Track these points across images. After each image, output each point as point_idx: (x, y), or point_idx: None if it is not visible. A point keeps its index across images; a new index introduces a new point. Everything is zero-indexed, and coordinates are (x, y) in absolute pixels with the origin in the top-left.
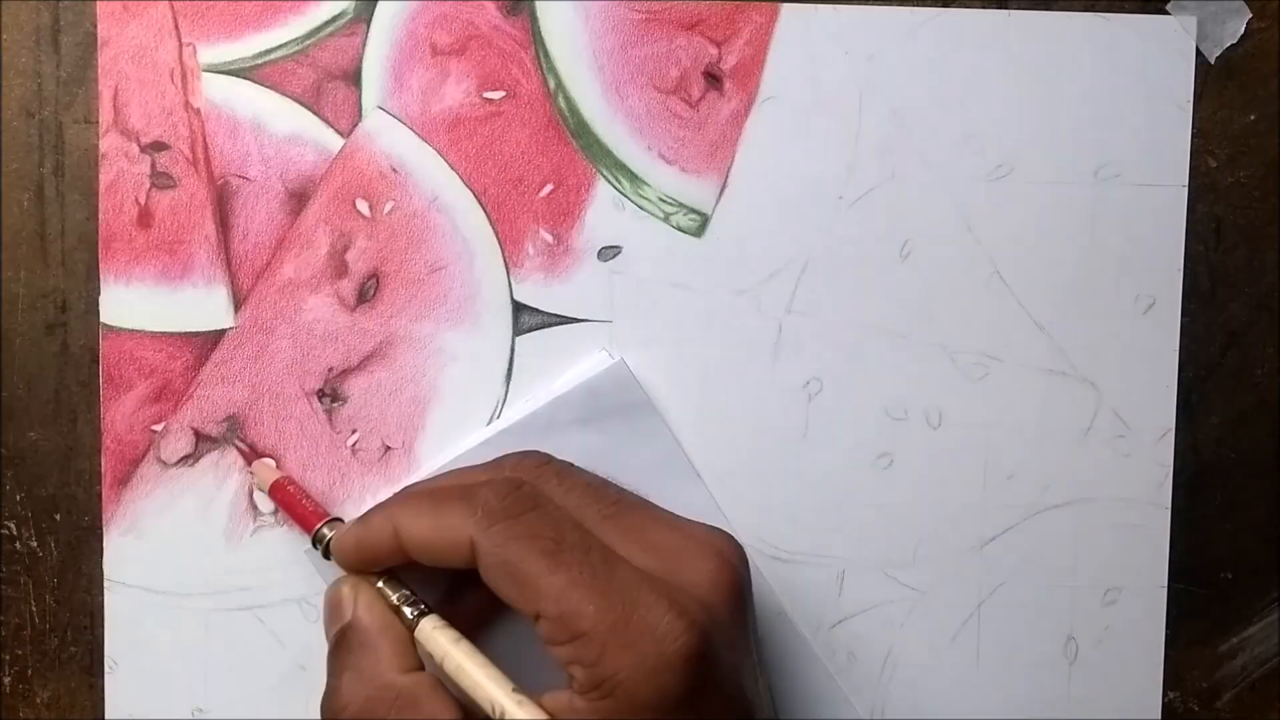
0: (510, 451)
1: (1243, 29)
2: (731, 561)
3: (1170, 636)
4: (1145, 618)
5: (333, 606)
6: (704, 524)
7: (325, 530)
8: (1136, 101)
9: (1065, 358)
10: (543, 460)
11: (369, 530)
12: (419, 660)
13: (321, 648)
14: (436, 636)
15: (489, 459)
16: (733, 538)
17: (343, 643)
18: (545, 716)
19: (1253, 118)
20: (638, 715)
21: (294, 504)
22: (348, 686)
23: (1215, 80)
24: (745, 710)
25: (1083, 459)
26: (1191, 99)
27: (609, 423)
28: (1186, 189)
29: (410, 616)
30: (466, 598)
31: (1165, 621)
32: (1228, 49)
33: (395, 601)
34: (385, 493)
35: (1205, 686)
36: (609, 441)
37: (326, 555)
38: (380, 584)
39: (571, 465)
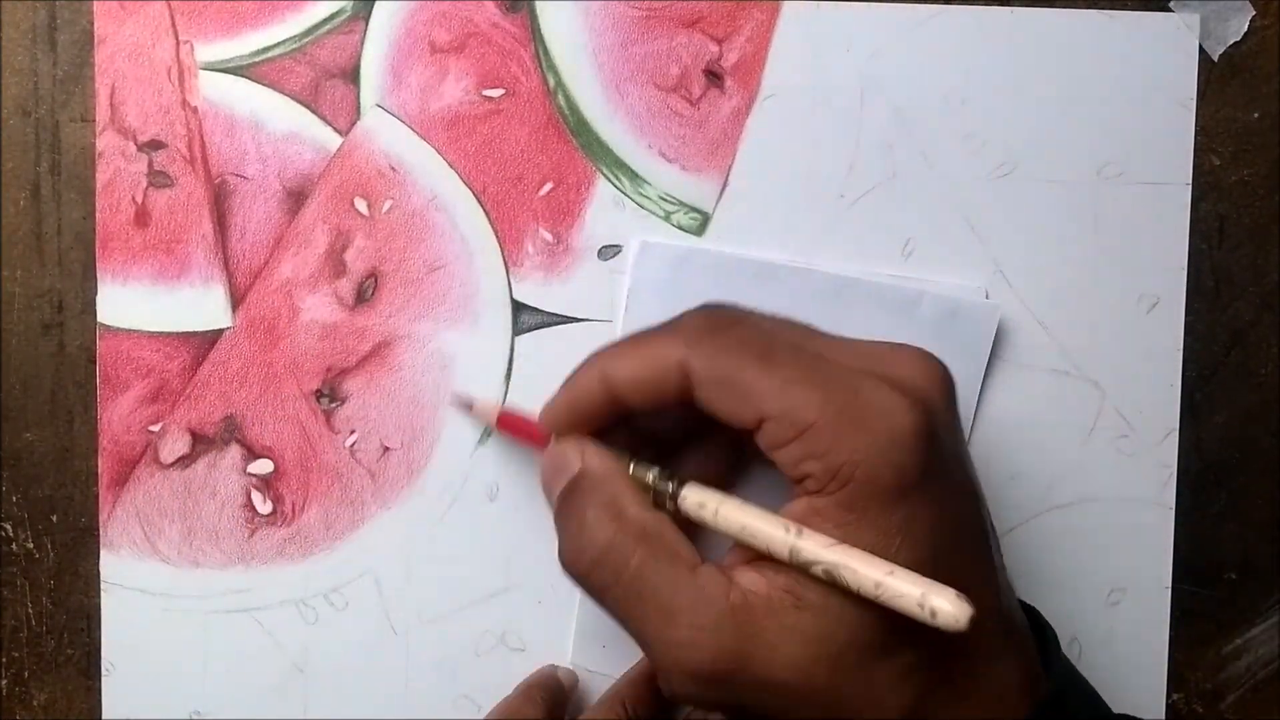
0: None
1: (1246, 26)
2: (936, 360)
3: (1174, 637)
4: (1149, 619)
5: (557, 465)
6: (900, 343)
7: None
8: (1139, 99)
9: (1068, 357)
10: (719, 305)
11: (575, 387)
12: (651, 503)
13: (319, 650)
14: (695, 490)
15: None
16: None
17: (576, 490)
18: (832, 542)
19: (1256, 115)
20: (879, 498)
21: (524, 428)
22: (593, 525)
23: (1218, 78)
24: (973, 496)
25: (1086, 459)
26: (1194, 97)
27: (945, 343)
28: (1190, 187)
29: (660, 478)
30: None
31: (1169, 622)
32: (1231, 47)
33: (635, 471)
34: (382, 492)
35: (1209, 688)
36: None
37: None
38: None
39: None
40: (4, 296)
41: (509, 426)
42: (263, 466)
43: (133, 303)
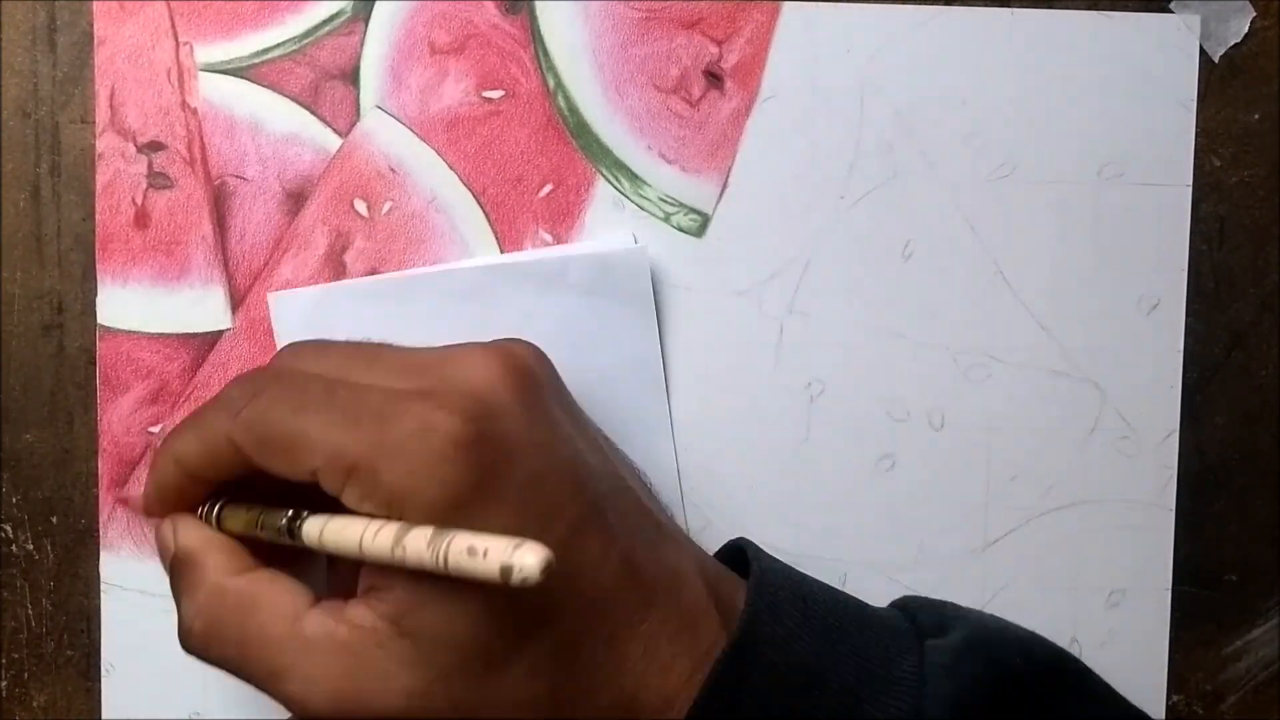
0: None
1: (1246, 28)
2: (508, 352)
3: (1174, 639)
4: (1149, 620)
5: (160, 550)
6: (476, 344)
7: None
8: (1140, 100)
9: (1068, 358)
10: (297, 345)
11: (155, 473)
12: (253, 562)
13: None
14: (313, 521)
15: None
16: (526, 343)
17: (174, 573)
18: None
19: (1256, 117)
20: (438, 519)
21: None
22: (186, 611)
23: (1219, 79)
24: (570, 482)
25: (1086, 460)
26: (1195, 98)
27: (603, 300)
28: (1190, 188)
29: (285, 520)
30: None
31: (1169, 624)
32: (1231, 48)
33: (265, 519)
34: None
35: (1209, 689)
36: (593, 318)
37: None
38: (217, 509)
39: (335, 341)
40: (4, 298)
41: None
42: None
43: (133, 304)
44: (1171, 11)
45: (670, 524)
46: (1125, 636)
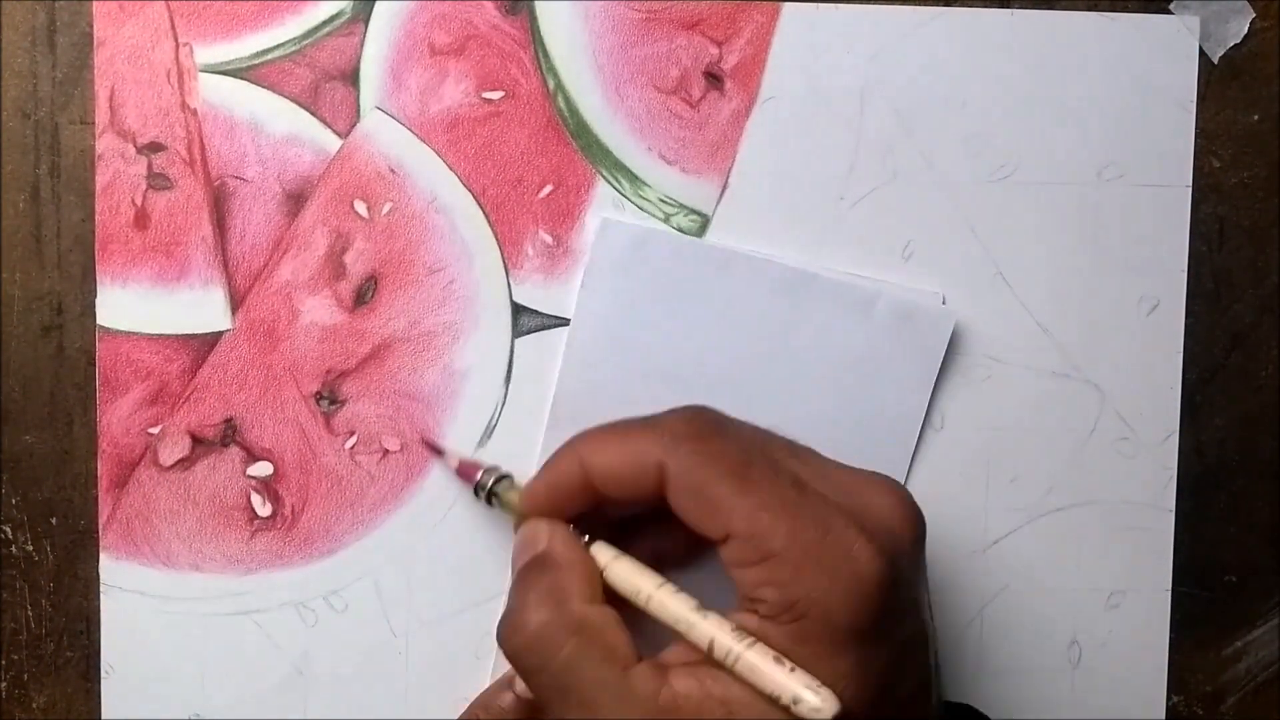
0: None
1: (1246, 29)
2: (912, 505)
3: (1174, 640)
4: (1149, 621)
5: (526, 540)
6: (882, 474)
7: (485, 478)
8: (1139, 102)
9: (1068, 359)
10: (713, 411)
11: (556, 471)
12: (604, 597)
13: (319, 653)
14: (631, 573)
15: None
16: (909, 494)
17: (533, 569)
18: (738, 626)
19: (1256, 118)
20: (831, 640)
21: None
22: (533, 608)
23: (1218, 80)
24: (924, 643)
25: (1086, 462)
26: (1195, 99)
27: (896, 344)
28: (1190, 189)
29: (605, 557)
30: (650, 546)
31: (1169, 625)
32: (1231, 49)
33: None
34: (382, 495)
35: (1209, 690)
36: (881, 357)
37: (489, 501)
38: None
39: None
40: (3, 299)
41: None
42: (262, 469)
43: (132, 305)
44: (1171, 13)
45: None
46: (1125, 638)
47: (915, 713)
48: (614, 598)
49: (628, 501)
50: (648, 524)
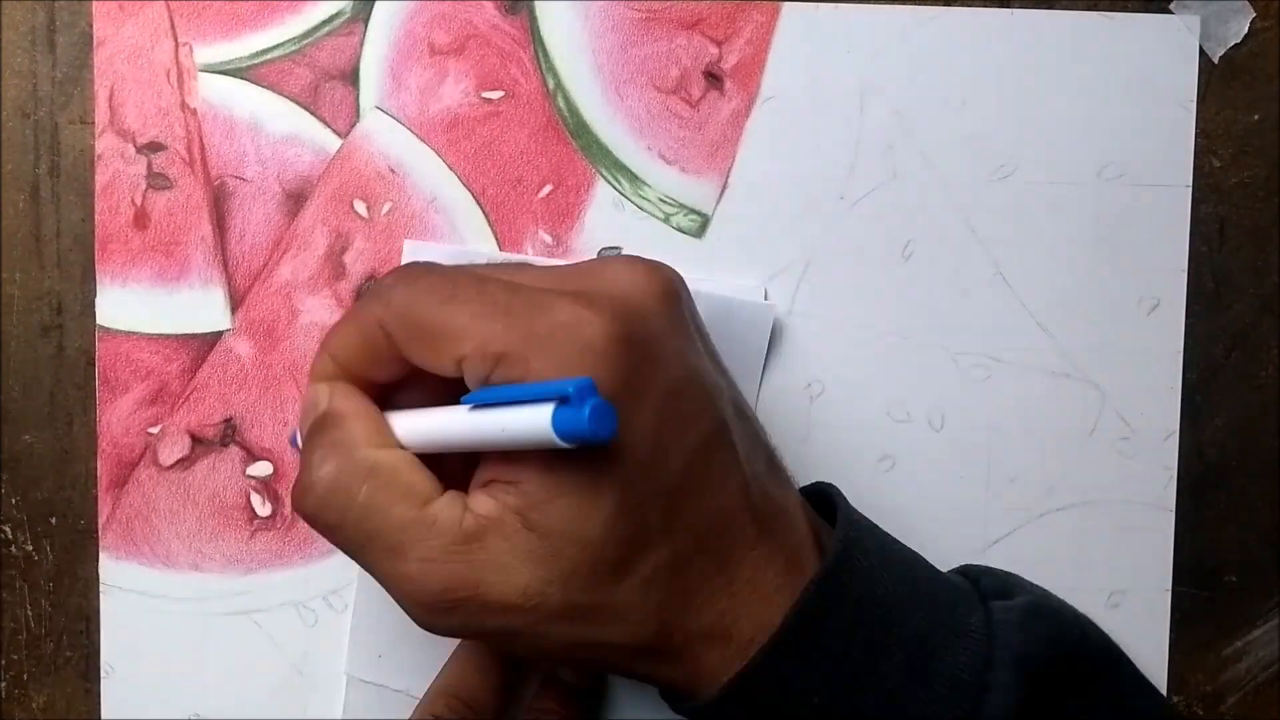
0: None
1: (1246, 28)
2: (655, 265)
3: (1174, 640)
4: (1149, 621)
5: (307, 406)
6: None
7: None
8: (1140, 101)
9: (1069, 359)
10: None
11: (314, 371)
12: (394, 441)
13: (320, 653)
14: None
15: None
16: (666, 264)
17: (316, 429)
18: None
19: (1256, 118)
20: None
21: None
22: (319, 464)
23: (1218, 80)
24: (708, 395)
25: (1086, 461)
26: (1195, 99)
27: (716, 341)
28: (1190, 189)
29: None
30: None
31: (1169, 625)
32: (1231, 49)
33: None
34: None
35: (1209, 690)
36: None
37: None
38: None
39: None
40: (3, 299)
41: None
42: (262, 468)
43: (132, 305)
44: (1171, 12)
45: (778, 458)
46: (1125, 637)
47: (710, 459)
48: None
49: (386, 376)
50: None
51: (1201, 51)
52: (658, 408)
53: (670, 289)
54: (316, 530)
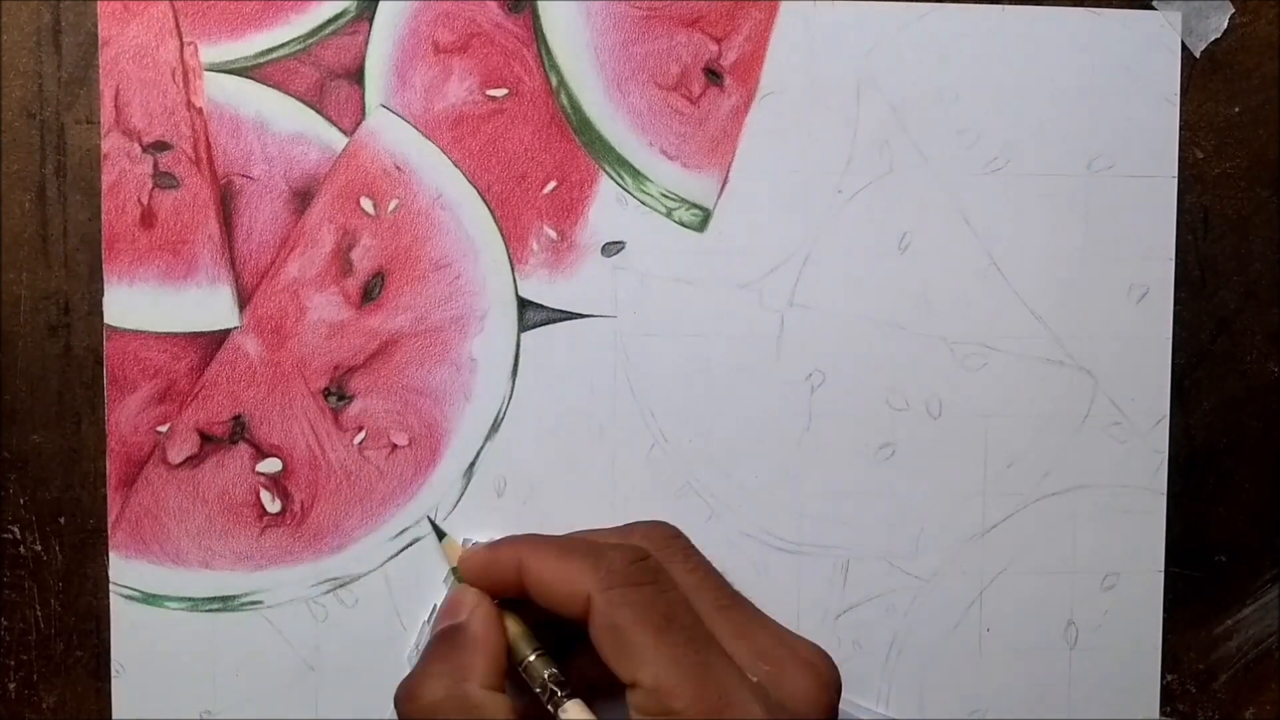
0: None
1: (1226, 24)
2: (829, 685)
3: (1167, 619)
4: (1143, 602)
5: (451, 606)
6: (809, 642)
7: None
8: (1126, 94)
9: (1062, 347)
10: (673, 534)
11: (496, 556)
12: (505, 685)
13: (330, 648)
14: (577, 709)
15: None
16: (831, 660)
17: (445, 638)
18: None
19: (1237, 110)
20: None
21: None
22: (432, 680)
23: (1201, 74)
24: None
25: (1080, 446)
26: (1179, 92)
27: None
28: (1176, 180)
29: (552, 679)
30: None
31: (1162, 605)
32: (1212, 43)
33: (535, 661)
34: (391, 489)
35: (1202, 668)
36: None
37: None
38: (512, 624)
39: (697, 550)
40: (10, 299)
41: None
42: (271, 465)
43: (139, 303)
44: (1154, 9)
45: None
46: (1120, 618)
47: None
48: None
49: (552, 615)
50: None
51: (1184, 46)
52: None
53: (836, 699)
54: None
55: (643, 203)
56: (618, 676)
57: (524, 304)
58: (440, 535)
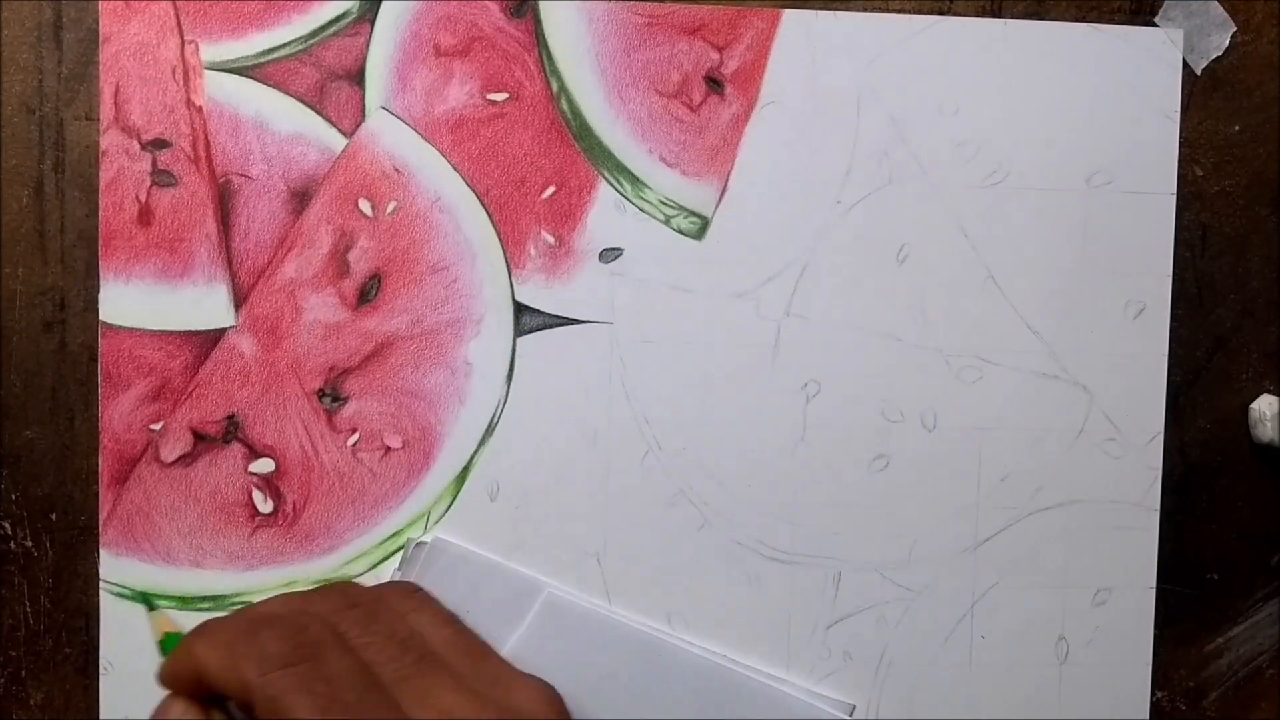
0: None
1: (1227, 42)
2: (555, 698)
3: (1158, 636)
4: (1134, 618)
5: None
6: (527, 676)
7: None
8: (1127, 110)
9: (1058, 361)
10: (350, 601)
11: (176, 658)
12: None
13: None
14: None
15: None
16: (552, 692)
17: None
18: None
19: (1237, 128)
20: None
21: None
22: None
23: (1201, 91)
24: None
25: (1074, 461)
26: (1179, 109)
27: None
28: (1174, 197)
29: None
30: None
31: (1154, 622)
32: (1213, 61)
33: None
34: (384, 492)
35: (1192, 686)
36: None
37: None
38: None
39: (383, 611)
40: (6, 294)
41: None
42: (264, 466)
43: (135, 301)
44: (1156, 26)
45: None
46: (1111, 634)
47: None
48: None
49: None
50: None
51: (1185, 64)
52: None
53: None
54: None
55: (641, 210)
56: None
57: (520, 309)
58: (151, 606)
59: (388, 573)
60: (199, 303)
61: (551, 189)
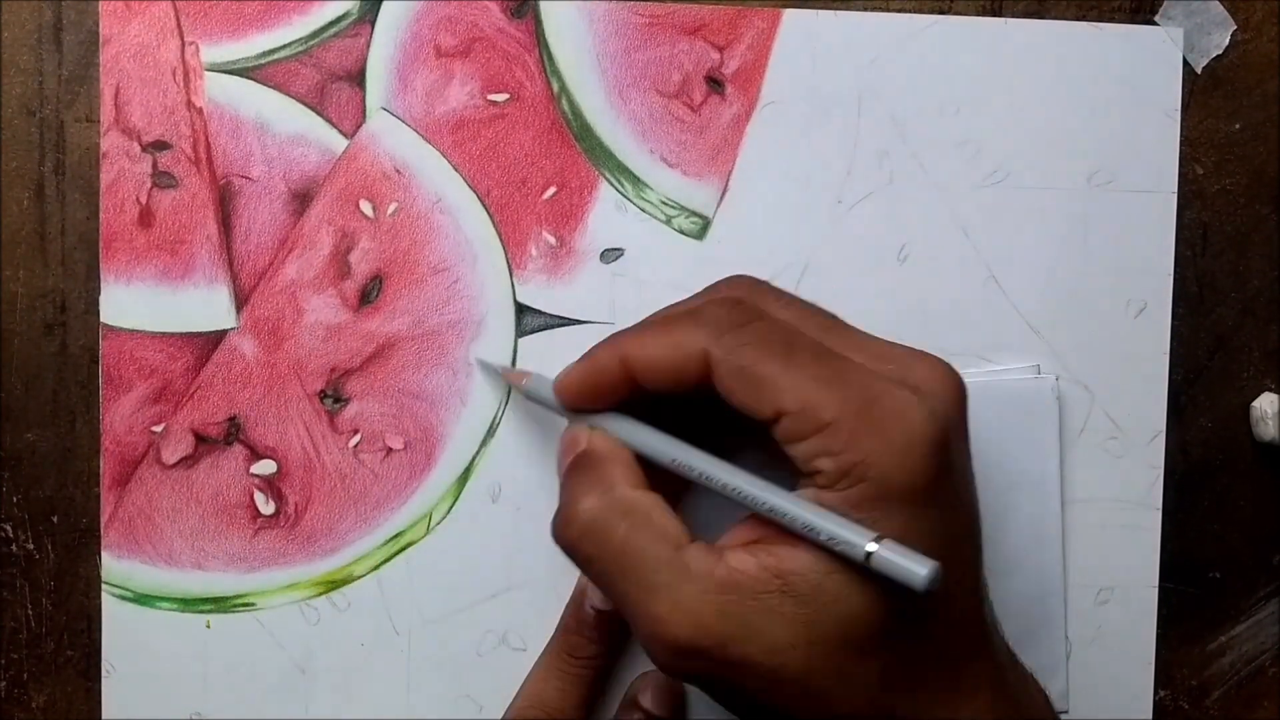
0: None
1: (1227, 40)
2: (953, 370)
3: (1160, 635)
4: (1137, 617)
5: (567, 444)
6: (913, 347)
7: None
8: (1127, 109)
9: (1059, 360)
10: (755, 280)
11: (593, 364)
12: (647, 483)
13: (322, 652)
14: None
15: None
16: (952, 369)
17: (577, 466)
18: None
19: (1238, 126)
20: (887, 500)
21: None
22: (582, 499)
23: (1202, 90)
24: (972, 510)
25: (1076, 460)
26: (1179, 107)
27: (1002, 432)
28: (1175, 195)
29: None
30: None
31: (1156, 621)
32: (1213, 59)
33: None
34: (385, 493)
35: (1195, 684)
36: (993, 444)
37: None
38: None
39: (783, 289)
40: (7, 296)
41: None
42: (266, 467)
43: (136, 303)
44: (1157, 24)
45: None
46: (1114, 633)
47: (964, 578)
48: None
49: (669, 392)
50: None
51: (1185, 62)
52: (943, 515)
53: (964, 396)
54: (572, 560)
55: (642, 210)
56: (760, 418)
57: (522, 309)
58: (490, 369)
59: (388, 572)
60: (200, 304)
61: (552, 189)
